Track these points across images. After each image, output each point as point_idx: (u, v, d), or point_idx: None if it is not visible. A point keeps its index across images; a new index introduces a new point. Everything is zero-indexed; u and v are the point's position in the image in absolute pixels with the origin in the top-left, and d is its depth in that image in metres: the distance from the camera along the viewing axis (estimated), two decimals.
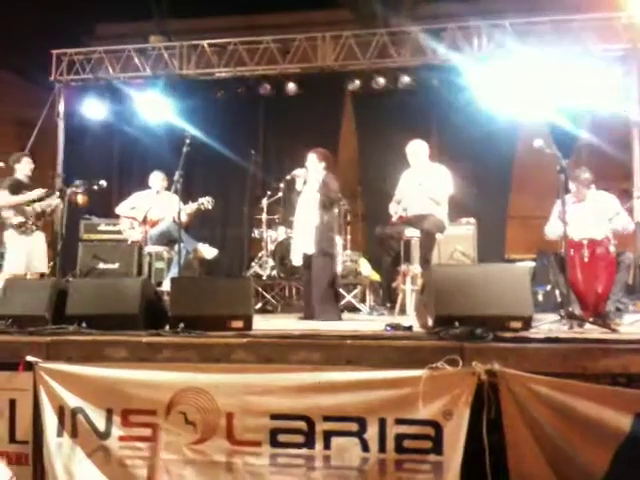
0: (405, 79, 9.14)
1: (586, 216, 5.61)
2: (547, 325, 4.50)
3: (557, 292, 5.44)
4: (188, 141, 6.14)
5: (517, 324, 4.02)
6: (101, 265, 7.64)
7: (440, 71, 8.93)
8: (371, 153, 9.60)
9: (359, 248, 9.00)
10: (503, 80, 8.42)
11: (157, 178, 7.65)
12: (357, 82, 9.36)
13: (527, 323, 4.08)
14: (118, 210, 7.70)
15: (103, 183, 7.23)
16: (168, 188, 7.23)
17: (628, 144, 8.68)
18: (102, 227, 8.81)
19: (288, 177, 6.87)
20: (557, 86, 8.35)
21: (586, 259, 5.26)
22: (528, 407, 3.42)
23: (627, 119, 8.50)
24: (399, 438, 3.61)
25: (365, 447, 3.64)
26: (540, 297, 6.85)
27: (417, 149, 6.64)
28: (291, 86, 9.41)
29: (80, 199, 9.68)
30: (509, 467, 3.45)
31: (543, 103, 8.46)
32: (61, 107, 9.84)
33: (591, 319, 4.74)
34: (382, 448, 3.62)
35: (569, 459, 3.36)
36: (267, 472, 3.75)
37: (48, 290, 4.72)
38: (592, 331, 4.43)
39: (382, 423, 3.61)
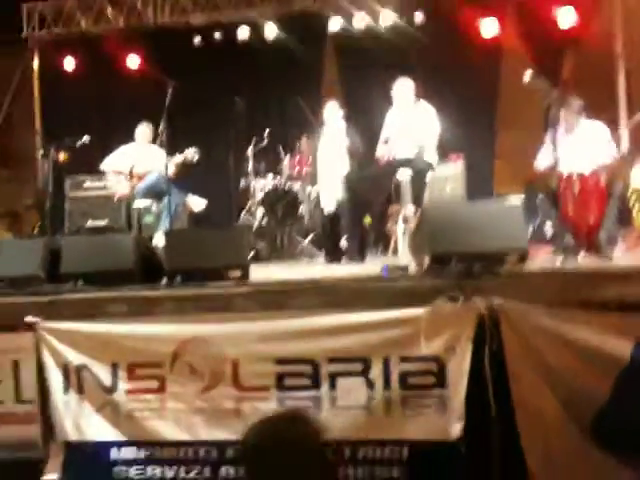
0: (386, 18, 8.97)
1: (576, 148, 5.59)
2: (542, 257, 4.54)
3: (548, 225, 5.47)
4: (170, 91, 6.02)
5: (514, 258, 4.04)
6: (90, 222, 7.55)
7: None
8: (355, 95, 9.47)
9: None
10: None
11: (143, 131, 7.50)
12: (338, 23, 9.17)
13: (523, 256, 4.10)
14: (103, 165, 7.56)
15: (86, 139, 7.11)
16: (154, 140, 7.12)
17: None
18: (88, 184, 8.62)
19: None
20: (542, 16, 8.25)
21: (577, 192, 5.28)
22: (529, 338, 3.47)
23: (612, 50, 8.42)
24: (403, 375, 3.67)
25: (371, 386, 3.70)
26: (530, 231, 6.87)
27: (402, 87, 6.51)
28: (270, 30, 9.21)
29: (62, 157, 9.53)
30: (513, 399, 3.50)
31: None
32: (35, 63, 9.59)
33: (585, 249, 4.78)
34: (387, 386, 3.68)
35: (572, 388, 3.41)
36: None
37: (41, 249, 4.67)
38: (587, 261, 4.48)
39: (386, 362, 3.67)
